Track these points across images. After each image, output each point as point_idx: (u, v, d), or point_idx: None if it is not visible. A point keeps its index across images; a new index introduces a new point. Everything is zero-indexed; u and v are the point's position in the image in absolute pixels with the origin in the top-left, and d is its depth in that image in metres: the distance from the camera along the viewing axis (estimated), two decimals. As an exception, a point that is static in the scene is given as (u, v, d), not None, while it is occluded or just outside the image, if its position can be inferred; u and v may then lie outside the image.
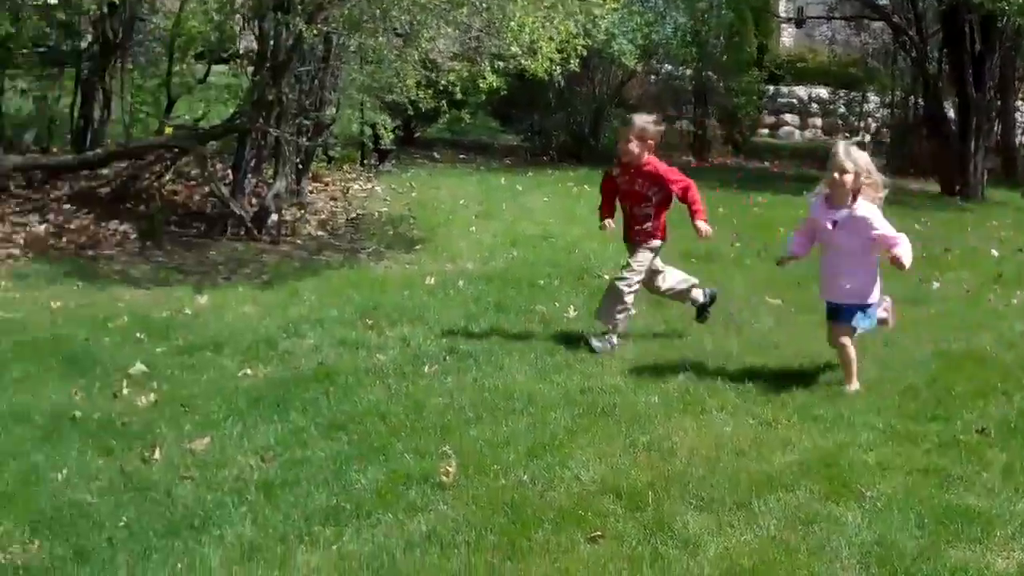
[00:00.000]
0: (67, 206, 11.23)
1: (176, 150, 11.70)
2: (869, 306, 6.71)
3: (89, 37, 13.03)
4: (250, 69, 11.88)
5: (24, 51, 11.01)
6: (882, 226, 6.55)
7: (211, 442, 5.66)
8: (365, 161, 16.16)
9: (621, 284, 7.57)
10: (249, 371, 6.88)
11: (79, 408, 6.11)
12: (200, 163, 11.53)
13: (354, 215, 12.68)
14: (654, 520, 4.73)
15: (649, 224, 7.65)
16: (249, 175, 11.53)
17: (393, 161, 16.62)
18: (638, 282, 7.65)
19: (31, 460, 5.36)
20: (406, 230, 12.04)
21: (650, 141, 7.57)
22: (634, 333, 7.88)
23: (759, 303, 8.90)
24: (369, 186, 14.61)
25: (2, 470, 5.25)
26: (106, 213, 11.19)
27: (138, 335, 7.57)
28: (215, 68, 14.36)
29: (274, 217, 11.22)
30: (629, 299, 7.59)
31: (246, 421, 5.95)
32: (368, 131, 15.44)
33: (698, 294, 8.00)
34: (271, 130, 11.06)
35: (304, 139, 11.72)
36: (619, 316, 7.56)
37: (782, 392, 6.55)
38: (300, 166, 12.27)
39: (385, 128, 13.76)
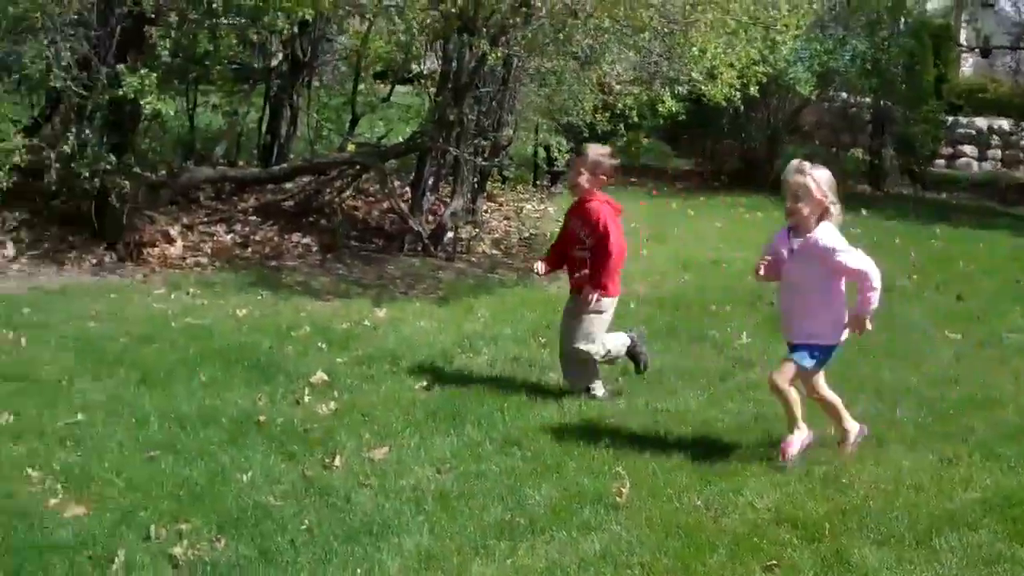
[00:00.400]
0: (253, 218, 11.64)
1: (358, 167, 12.01)
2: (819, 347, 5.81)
3: (279, 56, 13.47)
4: (432, 90, 12.12)
5: (219, 68, 11.42)
6: (847, 254, 5.67)
7: (389, 452, 5.80)
8: (538, 182, 16.29)
9: (581, 358, 6.91)
10: (425, 384, 7.01)
11: (263, 413, 6.34)
12: (381, 180, 11.83)
13: (527, 235, 12.80)
14: (831, 552, 4.67)
15: (587, 271, 6.88)
16: (427, 193, 11.77)
17: (565, 182, 16.70)
18: (593, 349, 6.88)
19: (218, 461, 5.58)
20: (578, 250, 12.07)
21: (602, 176, 6.88)
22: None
23: (938, 337, 8.69)
24: (542, 207, 14.72)
25: (192, 469, 5.47)
26: (289, 226, 11.56)
27: (320, 345, 7.80)
28: (396, 88, 14.68)
29: (450, 235, 11.43)
30: (593, 359, 6.93)
31: (423, 433, 6.08)
32: (542, 152, 15.62)
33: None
34: (451, 150, 11.27)
35: (481, 159, 11.89)
36: (593, 374, 6.96)
37: (962, 428, 6.39)
38: (476, 186, 12.45)
39: (559, 150, 13.87)
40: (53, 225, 10.53)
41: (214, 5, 9.57)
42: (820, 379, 5.94)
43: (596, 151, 6.94)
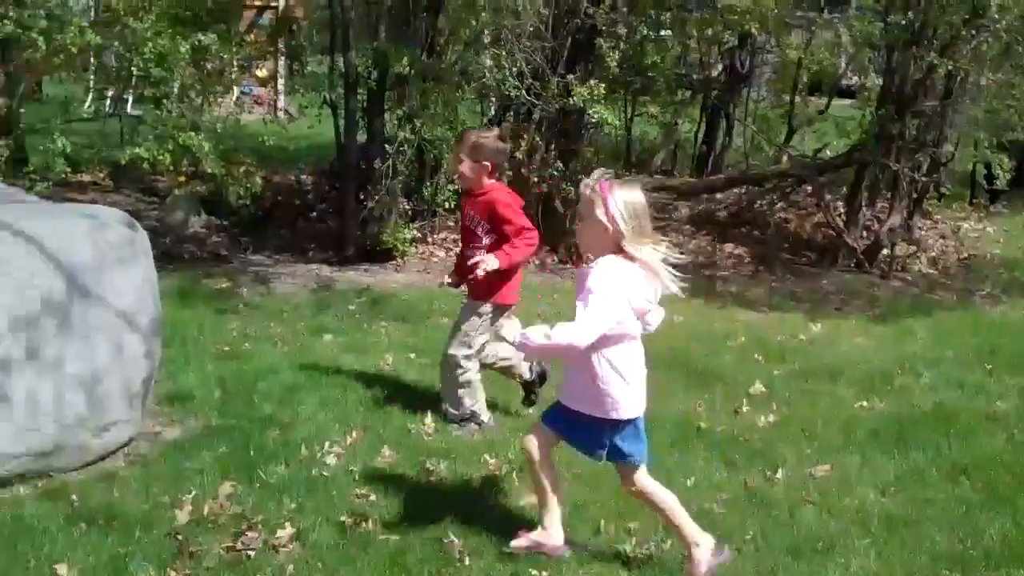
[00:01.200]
0: (687, 226, 11.85)
1: (792, 179, 11.96)
2: (621, 424, 4.56)
3: (719, 67, 13.63)
4: (872, 103, 11.91)
5: (662, 78, 11.72)
6: (588, 298, 4.20)
7: (831, 469, 5.75)
8: (975, 200, 15.63)
9: (452, 366, 6.16)
10: (865, 403, 6.91)
11: (703, 420, 6.46)
12: (816, 193, 11.74)
13: (965, 255, 12.32)
14: None
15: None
16: (863, 208, 11.56)
17: (1005, 202, 15.92)
18: (468, 356, 6.14)
19: (664, 465, 5.69)
20: (1022, 274, 11.51)
21: (486, 162, 5.98)
22: None
23: None
24: (980, 226, 14.11)
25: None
26: (722, 236, 11.68)
27: (755, 356, 7.85)
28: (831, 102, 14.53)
29: (886, 251, 11.20)
30: (468, 378, 6.18)
31: (865, 453, 5.99)
32: (981, 169, 14.97)
33: (524, 369, 6.51)
34: (891, 164, 11.03)
35: (920, 174, 11.56)
36: (465, 401, 6.21)
37: None
38: (913, 202, 12.12)
39: (1002, 168, 13.25)
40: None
41: (663, 18, 9.84)
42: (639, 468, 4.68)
43: (476, 134, 6.16)
